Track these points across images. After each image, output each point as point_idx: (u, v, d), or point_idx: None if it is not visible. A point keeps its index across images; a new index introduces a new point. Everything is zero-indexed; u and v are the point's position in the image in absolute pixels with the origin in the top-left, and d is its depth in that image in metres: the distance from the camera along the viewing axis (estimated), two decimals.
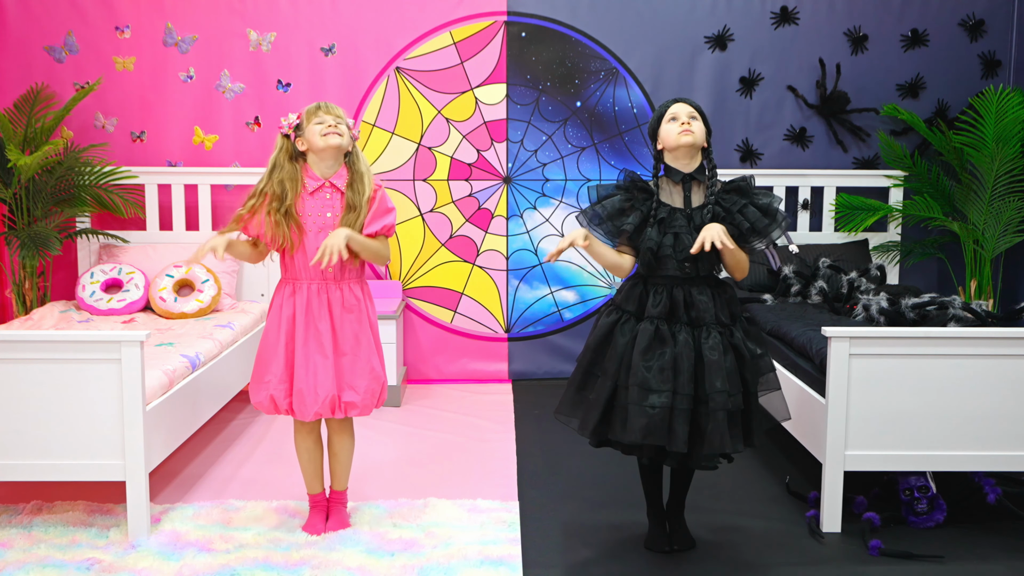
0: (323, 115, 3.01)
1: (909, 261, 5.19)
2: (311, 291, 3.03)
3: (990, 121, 4.72)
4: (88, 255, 4.89)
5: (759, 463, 3.92)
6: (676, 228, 2.83)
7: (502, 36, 5.10)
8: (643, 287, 2.88)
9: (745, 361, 2.82)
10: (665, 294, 2.82)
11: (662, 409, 2.71)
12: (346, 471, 3.22)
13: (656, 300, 2.82)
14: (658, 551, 3.02)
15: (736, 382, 2.78)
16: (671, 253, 2.81)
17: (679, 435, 2.72)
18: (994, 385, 3.13)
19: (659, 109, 2.95)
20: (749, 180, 2.90)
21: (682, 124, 2.84)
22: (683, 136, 2.84)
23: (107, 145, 4.93)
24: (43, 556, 2.95)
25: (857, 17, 5.14)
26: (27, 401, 3.02)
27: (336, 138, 3.00)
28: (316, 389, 3.01)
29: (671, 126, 2.87)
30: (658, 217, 2.84)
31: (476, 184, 5.19)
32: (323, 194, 3.03)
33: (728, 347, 2.80)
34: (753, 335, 2.90)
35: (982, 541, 3.14)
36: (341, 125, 3.02)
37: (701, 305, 2.81)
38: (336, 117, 3.02)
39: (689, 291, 2.83)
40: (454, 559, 2.94)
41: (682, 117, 2.86)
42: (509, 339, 5.31)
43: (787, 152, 5.23)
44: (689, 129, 2.84)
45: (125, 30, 4.98)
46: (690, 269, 2.82)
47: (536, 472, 3.79)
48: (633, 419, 2.73)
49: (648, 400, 2.72)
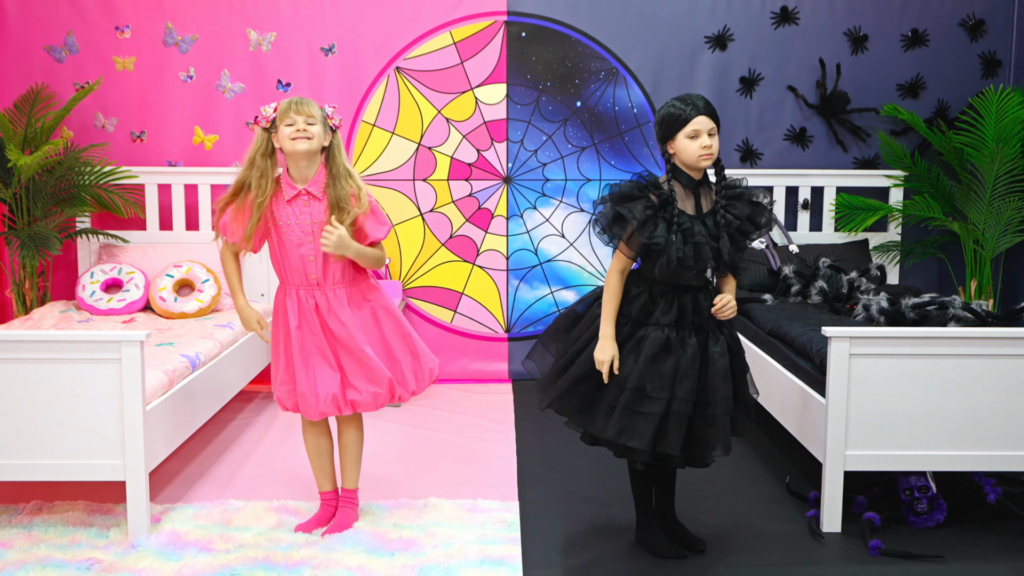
0: (293, 115, 2.92)
1: (909, 261, 5.19)
2: (300, 296, 3.04)
3: (990, 121, 4.71)
4: (88, 255, 4.89)
5: (759, 463, 3.92)
6: (697, 238, 2.75)
7: (502, 36, 5.09)
8: (648, 295, 2.84)
9: (736, 357, 2.86)
10: (675, 301, 2.82)
11: (655, 416, 2.73)
12: (355, 466, 3.22)
13: (666, 307, 2.81)
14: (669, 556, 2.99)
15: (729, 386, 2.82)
16: (691, 264, 2.76)
17: (672, 438, 2.74)
18: (994, 385, 3.13)
19: (675, 110, 2.76)
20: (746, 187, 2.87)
21: (703, 147, 2.73)
22: (703, 160, 2.75)
23: (107, 145, 4.93)
24: (43, 556, 2.95)
25: (857, 17, 5.14)
26: (27, 401, 3.02)
27: (304, 143, 2.92)
28: (316, 390, 3.01)
29: (691, 143, 2.74)
30: (682, 227, 2.74)
31: (476, 184, 5.19)
32: (300, 201, 3.00)
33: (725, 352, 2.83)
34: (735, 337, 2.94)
35: (982, 541, 3.14)
36: (313, 126, 2.93)
37: (706, 311, 2.83)
38: (308, 117, 2.93)
39: (695, 296, 2.83)
40: (454, 559, 2.94)
41: (703, 134, 2.74)
42: (509, 339, 5.31)
43: (787, 152, 5.23)
44: (710, 153, 2.74)
45: (125, 30, 4.98)
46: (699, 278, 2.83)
47: (536, 472, 3.79)
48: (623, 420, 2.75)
49: (643, 406, 2.74)
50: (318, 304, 3.03)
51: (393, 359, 3.11)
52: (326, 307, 3.03)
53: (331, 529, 3.14)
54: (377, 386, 3.06)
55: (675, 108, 2.77)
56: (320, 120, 2.96)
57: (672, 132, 2.77)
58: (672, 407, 2.74)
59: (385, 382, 3.07)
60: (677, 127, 2.76)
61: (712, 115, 2.77)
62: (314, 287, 3.03)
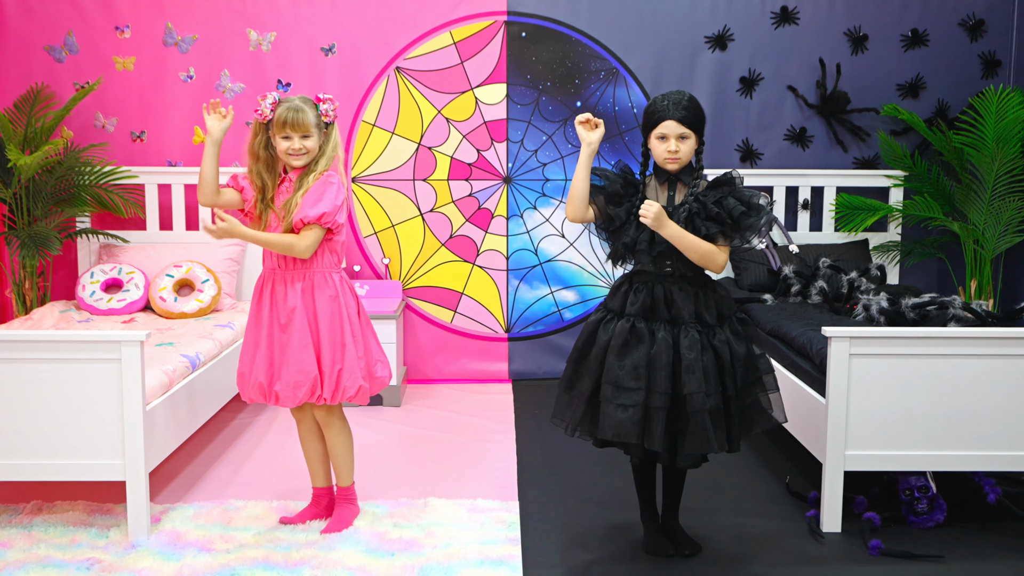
0: (289, 131, 2.96)
1: (909, 261, 5.19)
2: (263, 278, 3.09)
3: (990, 121, 4.71)
4: (88, 255, 4.89)
5: (759, 463, 3.92)
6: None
7: (502, 36, 5.09)
8: (628, 286, 2.88)
9: (723, 363, 2.78)
10: (645, 292, 2.82)
11: (635, 408, 2.71)
12: (344, 465, 3.20)
13: (635, 298, 2.82)
14: (661, 555, 3.01)
15: (714, 383, 2.75)
16: (646, 248, 2.81)
17: (656, 434, 2.72)
18: (994, 385, 3.13)
19: (653, 108, 2.83)
20: (731, 174, 2.85)
21: (669, 151, 2.80)
22: (669, 163, 2.83)
23: (107, 145, 4.93)
24: (43, 556, 2.95)
25: (857, 17, 5.14)
26: (27, 401, 3.02)
27: (300, 159, 3.00)
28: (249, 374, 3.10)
29: (660, 144, 2.82)
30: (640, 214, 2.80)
31: (476, 184, 5.19)
32: (284, 187, 3.05)
33: (707, 347, 2.77)
34: (745, 336, 2.86)
35: (982, 541, 3.14)
36: (308, 140, 2.98)
37: (680, 302, 2.80)
38: (303, 133, 2.97)
39: (670, 289, 2.82)
40: (454, 559, 2.94)
41: (671, 139, 2.80)
42: (509, 339, 5.31)
43: (787, 152, 5.23)
44: (676, 157, 2.80)
45: (125, 30, 4.98)
46: (669, 267, 2.83)
47: (536, 472, 3.79)
48: (605, 417, 2.75)
49: (620, 398, 2.72)
50: (274, 288, 3.05)
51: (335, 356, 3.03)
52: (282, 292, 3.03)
53: (330, 527, 3.14)
54: (298, 380, 2.99)
55: (655, 105, 2.84)
56: (315, 127, 2.99)
57: (647, 129, 2.87)
58: (649, 400, 2.72)
59: (310, 378, 3.00)
60: (650, 126, 2.85)
61: (688, 120, 2.79)
62: (276, 270, 3.05)
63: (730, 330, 2.84)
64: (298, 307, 3.01)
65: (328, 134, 3.04)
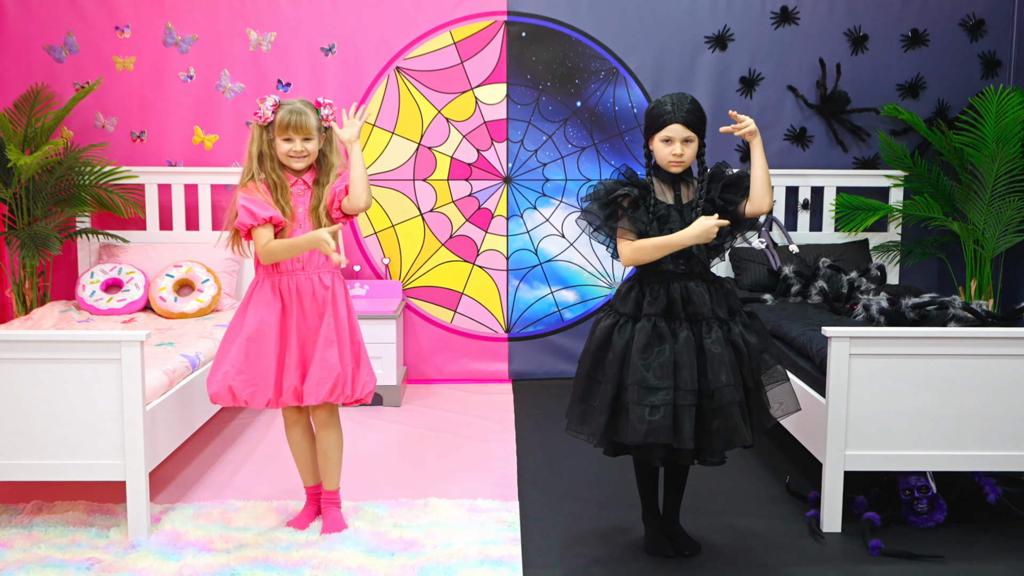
0: (292, 134, 2.98)
1: (909, 261, 5.19)
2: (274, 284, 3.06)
3: (990, 121, 4.72)
4: (88, 255, 4.89)
5: (759, 463, 3.92)
6: (671, 225, 2.83)
7: (502, 36, 5.09)
8: (639, 288, 2.88)
9: (742, 356, 2.82)
10: (662, 292, 2.83)
11: (664, 407, 2.71)
12: (334, 468, 3.19)
13: (653, 298, 2.83)
14: (661, 555, 3.01)
15: (736, 377, 2.78)
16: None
17: (685, 432, 2.72)
18: (994, 385, 3.13)
19: (657, 110, 2.84)
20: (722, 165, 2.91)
21: (674, 154, 2.82)
22: (673, 166, 2.85)
23: (107, 145, 4.93)
24: (43, 556, 2.95)
25: (857, 17, 5.14)
26: (27, 401, 3.02)
27: (301, 162, 3.01)
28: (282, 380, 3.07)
29: (664, 147, 2.83)
30: (657, 214, 2.85)
31: (476, 184, 5.19)
32: (297, 189, 3.05)
33: (727, 342, 2.80)
34: (754, 329, 2.89)
35: (982, 541, 3.14)
36: (310, 143, 2.99)
37: (698, 300, 2.82)
38: (305, 136, 2.98)
39: (685, 286, 2.84)
40: (454, 559, 2.94)
41: (676, 142, 2.82)
42: (509, 339, 5.31)
43: (787, 152, 5.23)
44: (680, 160, 2.83)
45: (125, 30, 4.98)
46: (684, 266, 2.84)
47: (536, 472, 3.79)
48: (635, 419, 2.73)
49: (648, 399, 2.72)
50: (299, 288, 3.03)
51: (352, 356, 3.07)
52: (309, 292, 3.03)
53: (330, 528, 3.14)
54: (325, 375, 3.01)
55: (658, 108, 2.85)
56: (316, 130, 3.01)
57: (650, 131, 2.87)
58: (677, 398, 2.73)
59: (334, 376, 3.01)
60: (654, 129, 2.85)
61: (692, 123, 2.82)
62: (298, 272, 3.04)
63: (741, 323, 2.87)
64: (327, 303, 3.03)
65: (328, 138, 3.06)
